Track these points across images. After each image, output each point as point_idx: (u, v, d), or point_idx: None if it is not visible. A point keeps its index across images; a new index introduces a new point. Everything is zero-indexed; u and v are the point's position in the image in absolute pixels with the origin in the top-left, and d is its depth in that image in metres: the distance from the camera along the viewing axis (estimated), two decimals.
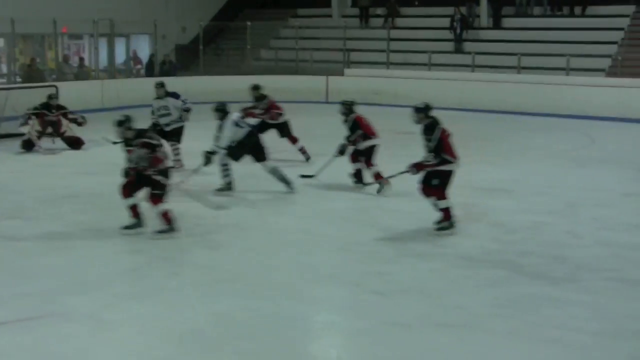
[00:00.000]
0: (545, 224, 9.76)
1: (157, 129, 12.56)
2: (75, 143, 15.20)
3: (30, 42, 25.31)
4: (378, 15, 27.30)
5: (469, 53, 23.71)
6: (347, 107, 11.53)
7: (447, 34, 25.08)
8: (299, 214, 10.44)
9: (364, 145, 11.34)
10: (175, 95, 13.20)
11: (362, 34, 26.74)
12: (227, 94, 23.50)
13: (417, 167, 9.10)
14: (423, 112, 9.17)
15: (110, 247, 8.72)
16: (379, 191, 11.20)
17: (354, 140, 11.34)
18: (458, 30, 24.84)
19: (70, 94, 18.14)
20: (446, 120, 9.16)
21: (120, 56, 26.86)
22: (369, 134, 11.40)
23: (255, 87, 13.85)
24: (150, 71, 25.04)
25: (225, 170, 11.29)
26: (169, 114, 13.07)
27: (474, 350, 6.09)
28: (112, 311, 6.80)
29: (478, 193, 11.26)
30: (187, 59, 26.71)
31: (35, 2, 22.82)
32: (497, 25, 25.34)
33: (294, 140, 13.80)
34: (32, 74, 22.39)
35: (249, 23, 26.24)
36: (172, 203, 9.07)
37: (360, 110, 11.45)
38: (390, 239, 9.03)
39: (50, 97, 15.11)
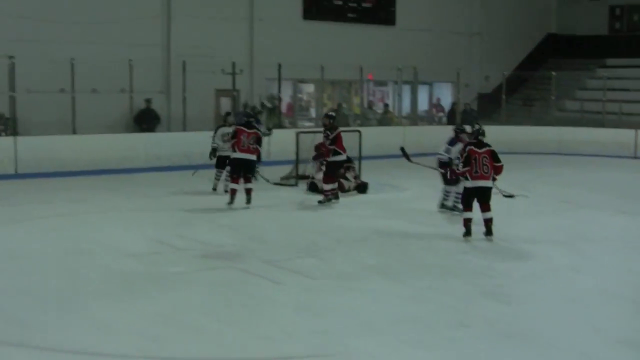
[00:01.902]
0: None
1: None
2: (361, 187, 15.57)
3: (337, 88, 26.43)
4: None
5: None
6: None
7: None
8: (592, 269, 9.85)
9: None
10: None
11: None
12: (529, 144, 23.26)
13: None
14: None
15: (398, 291, 8.72)
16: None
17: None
18: None
19: (373, 139, 18.66)
20: None
21: (422, 103, 27.32)
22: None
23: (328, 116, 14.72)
24: (451, 119, 25.18)
25: None
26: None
27: None
28: (396, 357, 6.76)
29: None
30: (489, 107, 26.59)
31: (343, 50, 23.94)
32: None
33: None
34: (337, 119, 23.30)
35: (553, 73, 25.68)
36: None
37: None
38: None
39: None
